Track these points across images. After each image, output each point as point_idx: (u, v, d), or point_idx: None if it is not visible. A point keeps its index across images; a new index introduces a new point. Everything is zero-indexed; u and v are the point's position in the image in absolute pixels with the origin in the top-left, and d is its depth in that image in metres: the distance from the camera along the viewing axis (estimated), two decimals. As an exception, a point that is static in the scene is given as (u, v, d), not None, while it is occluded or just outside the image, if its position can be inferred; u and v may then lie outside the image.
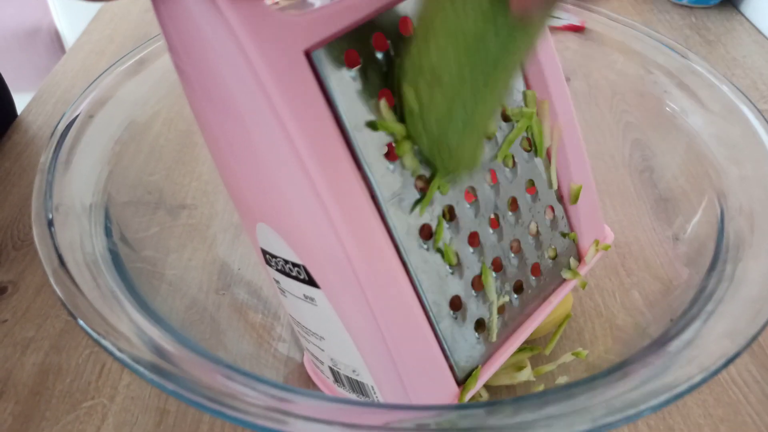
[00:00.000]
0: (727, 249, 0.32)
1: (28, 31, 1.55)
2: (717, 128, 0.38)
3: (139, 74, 0.42)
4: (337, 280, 0.27)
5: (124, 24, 0.80)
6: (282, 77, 0.24)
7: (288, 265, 0.29)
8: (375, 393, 0.31)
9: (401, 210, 0.28)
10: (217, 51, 0.23)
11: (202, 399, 0.23)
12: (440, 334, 0.29)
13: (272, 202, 0.27)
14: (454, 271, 0.30)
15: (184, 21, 0.23)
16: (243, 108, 0.24)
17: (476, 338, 0.31)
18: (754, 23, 0.78)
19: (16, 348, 0.42)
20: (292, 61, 0.24)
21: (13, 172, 0.56)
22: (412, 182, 0.28)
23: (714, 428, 0.37)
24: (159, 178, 0.43)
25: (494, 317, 0.32)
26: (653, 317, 0.35)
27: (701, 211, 0.37)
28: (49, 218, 0.31)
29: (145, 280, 0.34)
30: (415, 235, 0.28)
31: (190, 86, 0.26)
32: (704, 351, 0.25)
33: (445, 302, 0.30)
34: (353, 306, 0.28)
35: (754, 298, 0.28)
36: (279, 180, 0.26)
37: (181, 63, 0.25)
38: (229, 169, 0.28)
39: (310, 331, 0.32)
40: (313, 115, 0.25)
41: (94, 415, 0.38)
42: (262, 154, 0.25)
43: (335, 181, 0.25)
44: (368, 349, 0.29)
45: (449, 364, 0.30)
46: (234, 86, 0.24)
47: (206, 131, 0.27)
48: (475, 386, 0.31)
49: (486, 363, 0.32)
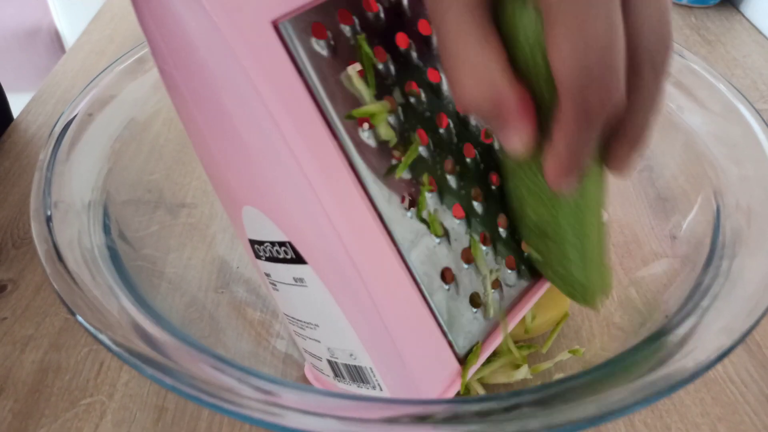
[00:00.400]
0: (723, 245, 0.32)
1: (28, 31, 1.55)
2: (715, 127, 0.39)
3: (138, 73, 0.42)
4: (323, 251, 0.27)
5: (124, 24, 0.80)
6: (253, 46, 0.24)
7: (275, 247, 0.29)
8: (374, 376, 0.30)
9: (381, 179, 0.28)
10: (189, 26, 0.24)
11: (200, 393, 0.23)
12: (434, 308, 0.29)
13: (254, 180, 0.27)
14: (442, 242, 0.30)
15: (160, 3, 0.24)
16: (219, 84, 0.25)
17: (473, 313, 0.31)
18: (753, 23, 0.78)
19: (16, 346, 0.42)
20: (261, 31, 0.25)
21: (13, 172, 0.56)
22: (389, 152, 0.28)
23: (712, 427, 0.37)
24: (159, 176, 0.44)
25: (489, 292, 0.32)
26: (650, 315, 0.35)
27: (697, 207, 0.37)
28: (48, 215, 0.31)
29: (145, 279, 0.34)
30: (397, 204, 0.28)
31: (166, 72, 0.27)
32: (699, 346, 0.25)
33: (435, 274, 0.29)
34: (342, 278, 0.27)
35: (750, 294, 0.28)
36: (259, 154, 0.26)
37: (158, 47, 0.26)
38: (211, 153, 0.29)
39: (304, 323, 0.32)
40: (287, 85, 0.25)
41: (92, 413, 0.38)
42: (242, 130, 0.26)
43: (314, 149, 0.26)
44: (362, 325, 0.29)
45: (448, 341, 0.30)
46: (208, 62, 0.25)
47: (186, 119, 0.28)
48: (476, 362, 0.30)
49: (486, 340, 0.32)
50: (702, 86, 0.40)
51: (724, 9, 0.82)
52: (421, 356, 0.29)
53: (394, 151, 0.29)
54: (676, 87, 0.41)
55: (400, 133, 0.29)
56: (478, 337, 0.31)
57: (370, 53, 0.28)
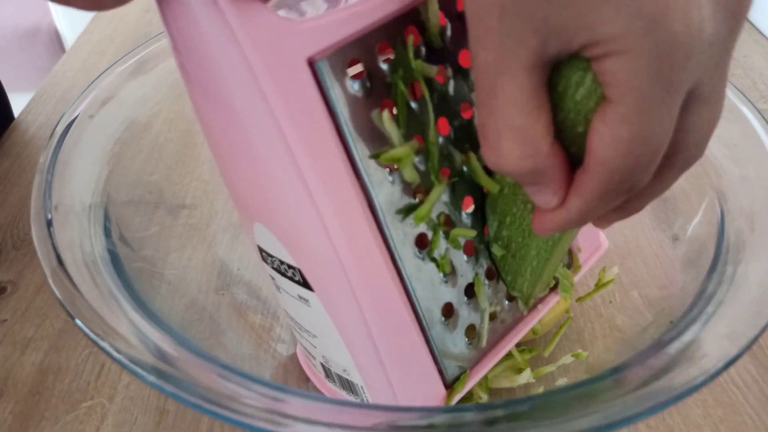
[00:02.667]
0: (727, 250, 0.32)
1: (28, 31, 1.55)
2: (717, 128, 0.38)
3: (139, 74, 0.42)
4: (331, 286, 0.27)
5: (124, 24, 0.80)
6: (281, 83, 0.23)
7: (283, 265, 0.29)
8: (364, 393, 0.31)
9: (398, 219, 0.27)
10: (218, 53, 0.23)
11: (201, 401, 0.23)
12: (431, 340, 0.30)
13: (269, 204, 0.27)
14: (448, 279, 0.30)
15: (187, 21, 0.23)
16: (242, 111, 0.24)
17: (466, 343, 0.31)
18: (754, 23, 0.78)
19: (16, 348, 0.42)
20: (293, 68, 0.24)
21: (13, 172, 0.56)
22: (411, 193, 0.28)
23: (713, 428, 0.37)
24: (159, 177, 0.43)
25: (485, 324, 0.32)
26: (653, 318, 0.35)
27: (701, 211, 0.37)
28: (48, 218, 0.31)
29: (145, 280, 0.34)
30: (411, 244, 0.28)
31: (192, 85, 0.26)
32: (704, 353, 0.25)
33: (437, 309, 0.30)
34: (345, 311, 0.28)
35: (755, 299, 0.28)
36: (276, 184, 0.26)
37: (184, 62, 0.25)
38: (229, 168, 0.28)
39: (304, 328, 0.32)
40: (313, 122, 0.24)
41: (93, 415, 0.38)
42: (260, 158, 0.25)
43: (332, 189, 0.25)
44: (359, 352, 0.29)
45: (438, 369, 0.30)
46: (234, 89, 0.24)
47: (207, 130, 0.27)
48: (462, 390, 0.31)
49: (474, 367, 0.32)
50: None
51: (725, 8, 0.81)
52: (410, 385, 0.30)
53: (417, 193, 0.28)
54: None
55: (423, 174, 0.28)
56: (467, 365, 0.32)
57: (406, 93, 0.26)
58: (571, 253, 0.37)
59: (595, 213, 0.23)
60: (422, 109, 0.27)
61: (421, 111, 0.27)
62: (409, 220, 0.28)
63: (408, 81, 0.26)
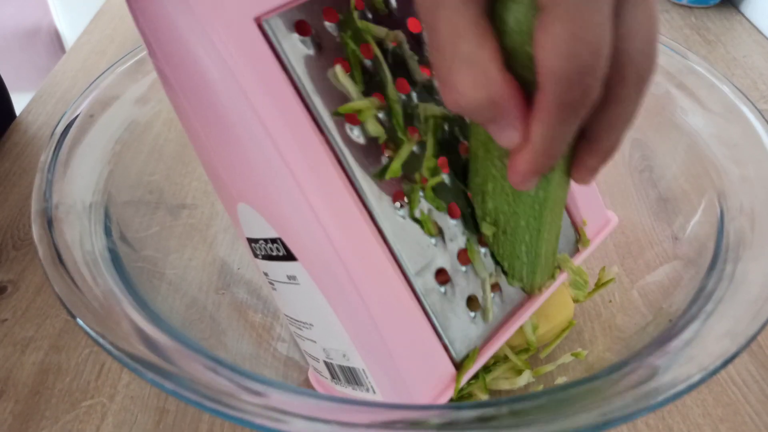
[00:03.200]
0: (727, 249, 0.32)
1: (28, 31, 1.55)
2: (717, 128, 0.38)
3: (139, 74, 0.42)
4: (311, 247, 0.27)
5: (124, 24, 0.80)
6: (236, 42, 0.25)
7: (268, 244, 0.29)
8: (367, 378, 0.30)
9: (369, 176, 0.28)
10: (175, 22, 0.25)
11: (201, 398, 0.23)
12: (428, 309, 0.29)
13: (245, 176, 0.28)
14: (437, 242, 0.29)
15: (151, 4, 0.25)
16: (205, 81, 0.26)
17: (470, 317, 0.30)
18: (753, 23, 0.78)
19: (16, 347, 0.42)
20: (244, 27, 0.25)
21: (13, 172, 0.56)
22: (380, 149, 0.28)
23: (713, 428, 0.37)
24: (159, 177, 0.43)
25: (488, 295, 0.31)
26: (653, 317, 0.35)
27: (701, 210, 0.37)
28: (49, 217, 0.31)
29: (146, 280, 0.34)
30: (388, 202, 0.28)
31: (158, 67, 0.27)
32: (704, 351, 0.25)
33: (429, 274, 0.29)
34: (330, 275, 0.27)
35: (754, 298, 0.28)
36: (247, 151, 0.26)
37: (155, 52, 0.27)
38: (205, 149, 0.29)
39: (301, 323, 0.32)
40: (271, 81, 0.25)
41: (93, 415, 0.38)
42: (229, 126, 0.26)
43: (300, 146, 0.26)
44: (352, 324, 0.28)
45: (443, 344, 0.29)
46: (194, 57, 0.25)
47: (181, 115, 0.29)
48: (472, 367, 0.30)
49: (485, 345, 0.31)
50: (704, 86, 0.40)
51: (724, 9, 0.82)
52: (413, 359, 0.28)
53: (387, 150, 0.28)
54: (678, 88, 0.41)
55: (390, 131, 0.28)
56: (476, 342, 0.31)
57: (357, 50, 0.28)
58: (576, 227, 0.36)
59: (559, 138, 0.23)
60: (377, 67, 0.28)
61: (376, 69, 0.28)
62: (379, 177, 0.28)
63: (357, 41, 0.28)
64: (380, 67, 0.28)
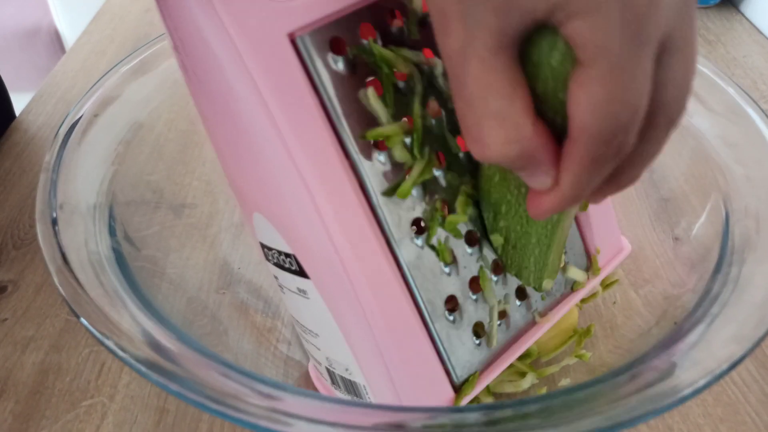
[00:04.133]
0: (732, 251, 0.31)
1: (27, 31, 1.55)
2: (721, 129, 0.38)
3: (142, 75, 0.42)
4: (324, 270, 0.27)
5: (124, 24, 0.80)
6: (265, 60, 0.24)
7: (281, 256, 0.29)
8: (367, 393, 0.30)
9: (392, 201, 0.27)
10: (208, 38, 0.24)
11: (205, 399, 0.23)
12: (435, 335, 0.29)
13: (261, 188, 0.27)
14: (450, 270, 0.29)
15: (179, 9, 0.24)
16: (232, 94, 0.25)
17: (475, 343, 0.30)
18: (754, 23, 0.78)
19: (16, 347, 0.42)
20: (275, 45, 0.24)
21: (13, 172, 0.56)
22: (403, 173, 0.27)
23: (714, 428, 0.37)
24: (161, 177, 0.43)
25: (494, 322, 0.31)
26: (657, 319, 0.35)
27: (706, 212, 0.37)
28: (54, 217, 0.31)
29: (147, 279, 0.34)
30: (407, 229, 0.28)
31: (189, 76, 0.27)
32: (709, 354, 0.25)
33: (440, 301, 0.29)
34: (340, 297, 0.27)
35: (760, 301, 0.28)
36: (267, 167, 0.26)
37: (180, 52, 0.26)
38: (226, 158, 0.29)
39: (307, 329, 0.32)
40: (297, 99, 0.25)
41: (93, 414, 0.38)
42: (251, 142, 0.26)
43: (321, 168, 0.25)
44: (358, 344, 0.29)
45: (445, 369, 0.29)
46: (224, 71, 0.24)
47: (205, 121, 0.28)
48: (471, 392, 0.30)
49: (485, 370, 0.31)
50: (707, 87, 0.40)
51: (725, 9, 0.82)
52: (413, 384, 0.28)
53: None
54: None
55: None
56: (477, 367, 0.31)
57: (390, 73, 0.27)
58: (589, 255, 0.36)
59: (588, 185, 0.22)
60: (409, 89, 0.27)
61: (408, 92, 0.27)
62: (404, 203, 0.27)
63: (391, 65, 0.27)
64: (413, 89, 0.27)
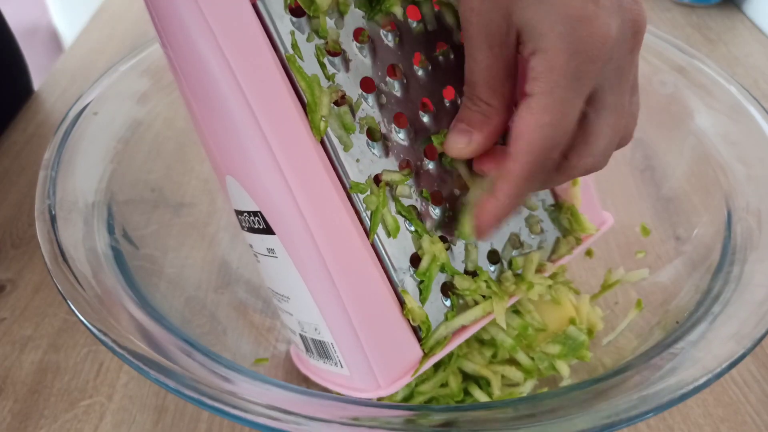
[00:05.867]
0: (734, 250, 0.31)
1: (26, 30, 1.55)
2: (722, 127, 0.38)
3: (141, 73, 0.42)
4: (287, 221, 0.28)
5: (123, 23, 0.80)
6: (227, 20, 0.26)
7: (251, 217, 0.29)
8: (336, 352, 0.30)
9: (350, 155, 0.29)
10: (177, 6, 0.26)
11: (203, 397, 0.23)
12: (400, 290, 0.29)
13: (230, 149, 0.28)
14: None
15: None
16: (199, 56, 0.26)
17: (445, 305, 0.31)
18: (755, 22, 0.78)
19: (15, 346, 0.42)
20: (237, 7, 0.26)
21: (12, 171, 0.55)
22: (364, 135, 0.29)
23: (714, 428, 0.37)
24: (159, 176, 0.43)
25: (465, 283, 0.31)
26: (658, 318, 0.35)
27: (708, 211, 0.37)
28: (52, 214, 0.31)
29: (146, 278, 0.33)
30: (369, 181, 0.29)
31: (163, 44, 0.28)
32: (710, 353, 0.25)
33: (405, 258, 0.30)
34: (302, 248, 0.28)
35: (761, 300, 0.28)
36: (232, 125, 0.27)
37: (158, 27, 0.28)
38: (198, 124, 0.30)
39: (280, 295, 0.32)
40: (259, 59, 0.26)
41: (92, 414, 0.38)
42: (217, 100, 0.27)
43: (280, 124, 0.27)
44: (322, 299, 0.29)
45: (413, 327, 0.30)
46: (192, 36, 0.26)
47: (179, 86, 0.29)
48: (440, 352, 0.30)
49: (456, 333, 0.31)
50: (708, 85, 0.40)
51: (726, 8, 0.81)
52: (379, 338, 0.29)
53: (368, 135, 0.29)
54: (683, 87, 0.41)
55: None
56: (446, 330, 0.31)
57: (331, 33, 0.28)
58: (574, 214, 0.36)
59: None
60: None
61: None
62: (365, 156, 0.29)
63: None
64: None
